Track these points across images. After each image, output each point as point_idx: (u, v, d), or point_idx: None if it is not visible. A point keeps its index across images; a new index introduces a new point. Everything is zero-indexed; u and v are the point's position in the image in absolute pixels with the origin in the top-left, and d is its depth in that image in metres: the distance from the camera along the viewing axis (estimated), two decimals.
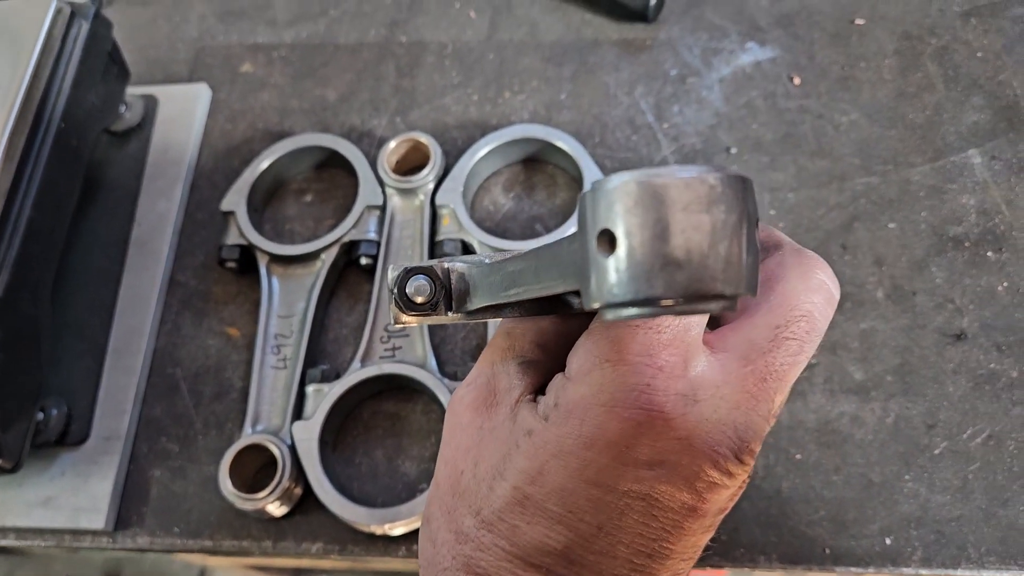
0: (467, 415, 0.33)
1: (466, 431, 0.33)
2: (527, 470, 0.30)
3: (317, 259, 0.63)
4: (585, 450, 0.29)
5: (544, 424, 0.30)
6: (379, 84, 0.73)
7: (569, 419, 0.29)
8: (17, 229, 0.56)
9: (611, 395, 0.28)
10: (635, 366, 0.28)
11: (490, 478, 0.31)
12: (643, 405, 0.28)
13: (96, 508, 0.59)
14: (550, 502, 0.29)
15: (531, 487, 0.30)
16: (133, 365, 0.63)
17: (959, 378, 0.57)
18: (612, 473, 0.28)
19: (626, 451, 0.28)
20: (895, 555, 0.53)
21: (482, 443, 0.32)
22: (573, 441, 0.29)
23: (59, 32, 0.61)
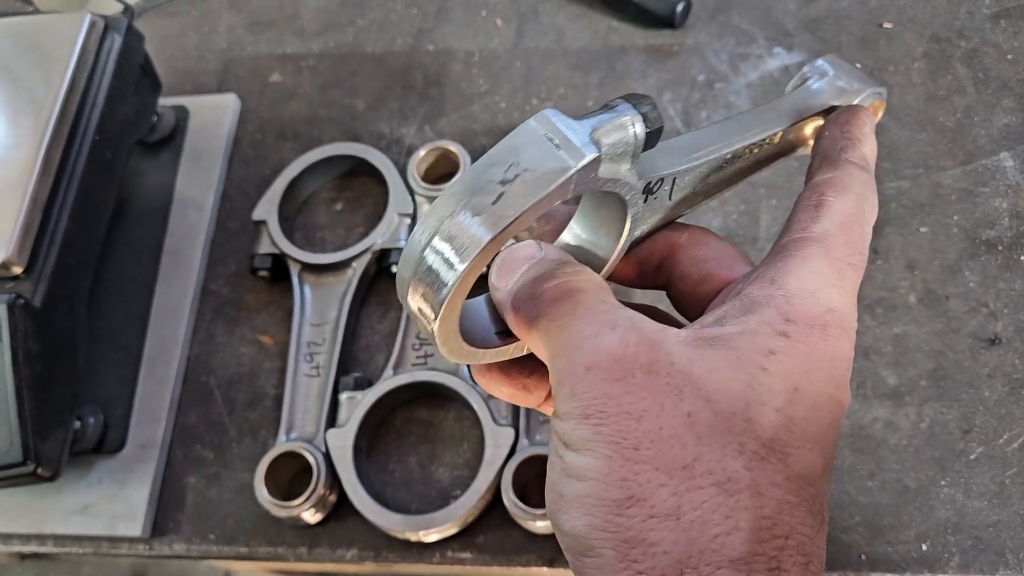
0: (639, 369, 0.28)
1: (655, 381, 0.28)
2: (784, 391, 0.28)
3: (349, 267, 0.64)
4: (831, 369, 0.29)
5: (787, 341, 0.29)
6: (407, 93, 0.73)
7: (812, 333, 0.29)
8: (54, 241, 0.57)
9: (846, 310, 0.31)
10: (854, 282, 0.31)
11: (742, 410, 0.28)
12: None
13: (133, 515, 0.59)
14: (809, 422, 0.29)
15: (791, 408, 0.28)
16: (167, 373, 0.64)
17: (994, 382, 0.56)
18: (845, 381, 0.30)
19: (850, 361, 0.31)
20: (932, 561, 0.53)
21: (701, 379, 0.28)
22: (820, 355, 0.29)
23: (93, 46, 0.62)
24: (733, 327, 0.29)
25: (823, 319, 0.30)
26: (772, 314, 0.29)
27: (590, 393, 0.28)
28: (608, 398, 0.28)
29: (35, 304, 0.54)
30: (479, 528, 0.56)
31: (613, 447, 0.28)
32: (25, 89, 0.60)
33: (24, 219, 0.54)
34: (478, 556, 0.56)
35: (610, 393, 0.28)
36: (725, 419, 0.28)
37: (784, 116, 0.37)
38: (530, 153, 0.29)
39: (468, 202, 0.29)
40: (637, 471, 0.28)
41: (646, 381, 0.28)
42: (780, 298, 0.30)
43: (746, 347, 0.29)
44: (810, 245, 0.31)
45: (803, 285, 0.30)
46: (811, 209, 0.32)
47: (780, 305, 0.29)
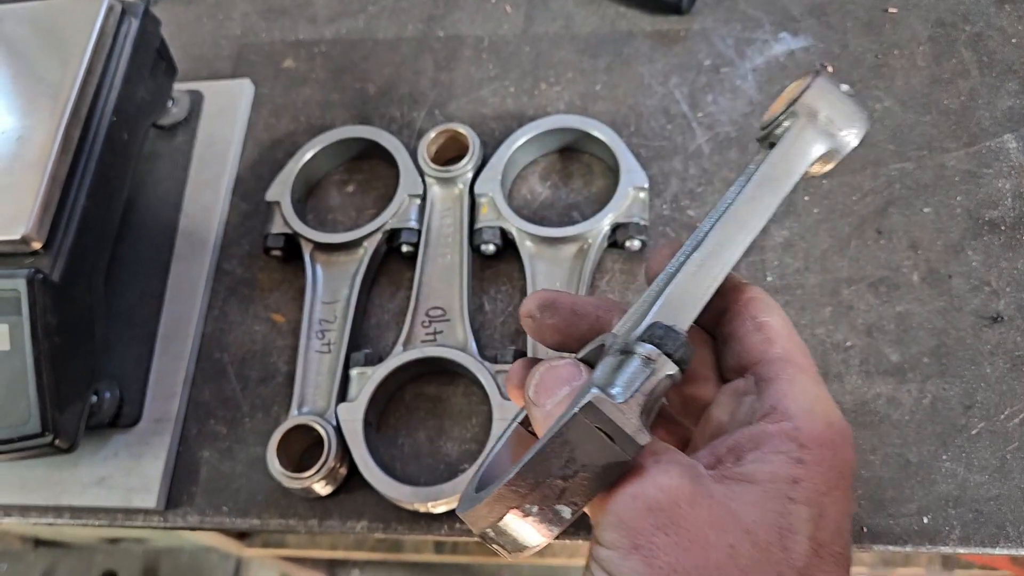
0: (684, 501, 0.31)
1: (699, 513, 0.30)
2: (811, 518, 0.31)
3: (360, 247, 0.65)
4: (844, 481, 0.32)
5: (805, 468, 0.31)
6: (418, 77, 0.74)
7: (823, 452, 0.32)
8: (73, 218, 0.58)
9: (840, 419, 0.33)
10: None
11: (777, 540, 0.30)
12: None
13: (148, 488, 0.61)
14: (834, 544, 0.31)
15: (819, 532, 0.31)
16: (182, 350, 0.65)
17: (996, 359, 0.57)
18: (852, 487, 0.33)
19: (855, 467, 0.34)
20: (933, 533, 0.53)
21: (736, 513, 0.30)
22: (834, 473, 0.32)
23: (110, 29, 0.63)
24: (753, 463, 0.32)
25: (829, 436, 0.32)
26: (785, 444, 0.32)
27: (639, 523, 0.30)
28: (657, 529, 0.30)
29: (54, 279, 0.55)
30: None
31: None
32: (44, 71, 0.61)
33: (43, 196, 0.55)
34: None
35: (658, 524, 0.30)
36: (763, 550, 0.30)
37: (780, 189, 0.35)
38: (585, 451, 0.30)
39: (536, 495, 0.31)
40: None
41: (691, 514, 0.30)
42: (788, 426, 0.32)
43: (770, 480, 0.31)
44: (786, 367, 0.34)
45: (801, 407, 0.33)
46: (757, 332, 0.36)
47: (790, 433, 0.32)
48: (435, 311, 0.62)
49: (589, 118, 0.67)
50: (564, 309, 0.40)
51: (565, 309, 0.40)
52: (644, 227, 0.62)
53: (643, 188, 0.63)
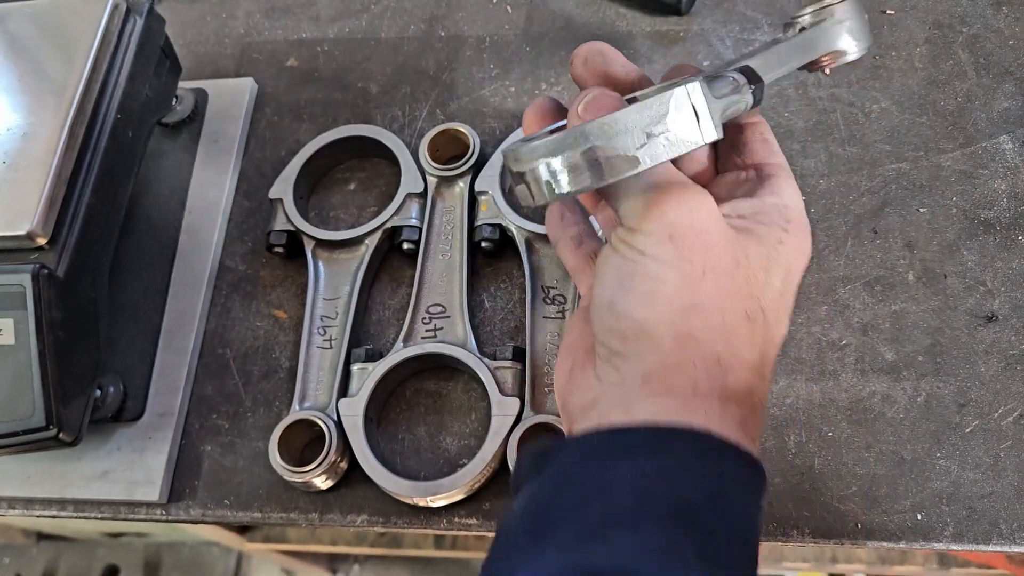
0: (714, 218, 0.39)
1: (721, 231, 0.39)
2: (784, 270, 0.41)
3: (361, 244, 0.66)
4: (805, 257, 0.43)
5: (787, 235, 0.41)
6: (419, 77, 0.75)
7: (800, 231, 0.43)
8: (77, 214, 0.58)
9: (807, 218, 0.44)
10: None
11: (764, 272, 0.40)
12: None
13: (151, 481, 0.61)
14: (790, 296, 0.42)
15: (785, 284, 0.41)
16: (185, 346, 0.65)
17: (990, 358, 0.58)
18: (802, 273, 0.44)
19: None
20: (927, 530, 0.54)
21: (741, 242, 0.40)
22: (803, 251, 0.43)
23: (115, 28, 0.64)
24: (752, 221, 0.41)
25: (804, 222, 0.43)
26: (777, 215, 0.42)
27: (680, 221, 0.38)
28: (691, 231, 0.38)
29: (58, 274, 0.56)
30: (485, 495, 0.58)
31: (689, 266, 0.38)
32: (50, 68, 0.62)
33: (48, 192, 0.56)
34: (484, 522, 0.57)
35: (693, 227, 0.38)
36: (754, 274, 0.40)
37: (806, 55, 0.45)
38: (675, 118, 0.36)
39: (617, 138, 0.36)
40: (701, 288, 0.38)
41: (716, 228, 0.39)
42: (780, 204, 0.43)
43: (766, 235, 0.41)
44: (783, 171, 0.45)
45: (791, 199, 0.43)
46: (763, 143, 0.45)
47: (781, 209, 0.42)
48: (435, 308, 0.63)
49: None
50: (616, 63, 0.46)
51: (617, 63, 0.46)
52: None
53: None
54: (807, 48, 0.44)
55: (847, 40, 0.45)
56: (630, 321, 0.39)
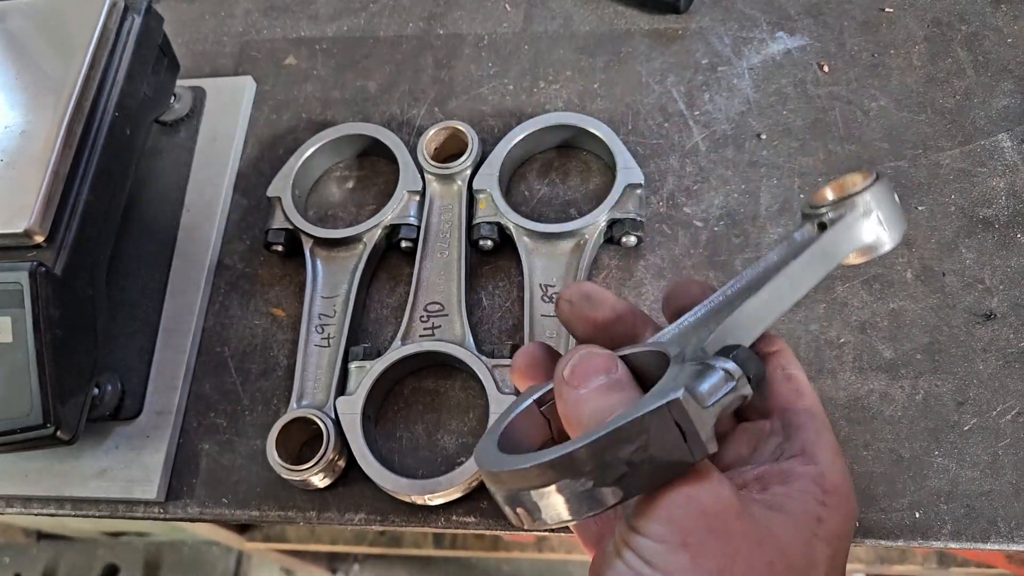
0: (734, 513, 0.33)
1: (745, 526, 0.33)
2: (830, 553, 0.35)
3: (359, 242, 0.66)
4: (851, 530, 0.37)
5: (828, 510, 0.35)
6: (418, 75, 0.75)
7: (840, 500, 0.36)
8: (75, 212, 0.58)
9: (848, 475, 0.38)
10: None
11: (804, 566, 0.34)
12: None
13: (148, 479, 0.61)
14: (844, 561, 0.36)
15: (832, 565, 0.35)
16: (183, 344, 0.65)
17: (989, 356, 0.57)
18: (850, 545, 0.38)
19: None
20: (925, 528, 0.54)
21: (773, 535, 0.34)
22: (847, 519, 0.36)
23: (113, 26, 0.64)
24: (782, 496, 0.35)
25: (846, 488, 0.37)
26: (812, 486, 0.36)
27: (692, 523, 0.32)
28: (708, 533, 0.32)
29: (56, 272, 0.56)
30: (483, 493, 0.58)
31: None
32: (48, 67, 0.62)
33: (46, 190, 0.56)
34: (481, 520, 0.57)
35: (710, 528, 0.32)
36: (793, 566, 0.33)
37: (827, 265, 0.39)
38: (658, 441, 0.32)
39: (593, 472, 0.32)
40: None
41: (739, 525, 0.33)
42: (815, 471, 0.36)
43: (800, 514, 0.35)
44: (814, 419, 0.38)
45: (826, 456, 0.37)
46: (786, 382, 0.40)
47: (816, 477, 0.36)
48: (433, 306, 0.63)
49: (586, 115, 0.67)
50: (604, 306, 0.42)
51: (605, 306, 0.42)
52: (640, 223, 0.63)
53: (639, 185, 0.64)
54: (827, 256, 0.38)
55: (877, 232, 0.38)
56: None
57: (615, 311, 0.42)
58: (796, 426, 0.38)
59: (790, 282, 0.38)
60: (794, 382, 0.40)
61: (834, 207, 0.39)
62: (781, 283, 0.38)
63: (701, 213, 0.65)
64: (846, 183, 0.39)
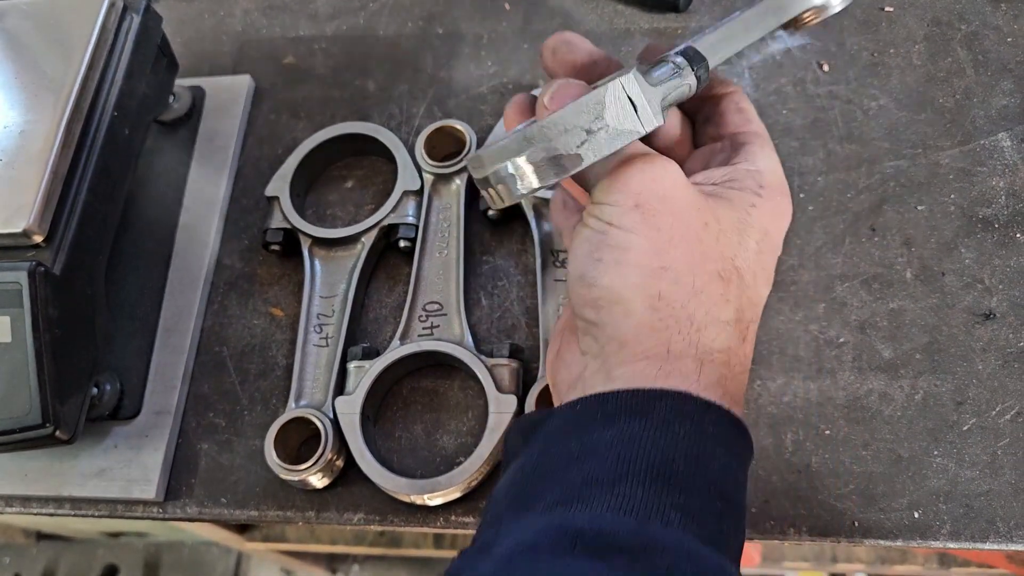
0: (680, 185, 0.40)
1: (688, 196, 0.41)
2: (759, 231, 0.42)
3: (358, 242, 0.66)
4: (782, 221, 0.44)
5: (761, 199, 0.43)
6: (417, 75, 0.75)
7: (774, 195, 0.44)
8: (74, 212, 0.58)
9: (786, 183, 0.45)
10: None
11: (736, 235, 0.41)
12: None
13: (147, 479, 0.61)
14: (770, 258, 0.43)
15: (762, 244, 0.42)
16: (182, 344, 0.65)
17: (988, 356, 0.57)
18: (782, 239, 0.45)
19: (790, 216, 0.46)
20: (924, 528, 0.54)
21: (711, 206, 0.41)
22: (779, 215, 0.44)
23: (112, 25, 0.64)
24: (725, 188, 0.43)
25: (780, 187, 0.44)
26: (750, 181, 0.43)
27: (644, 188, 0.39)
28: (656, 197, 0.39)
29: (55, 272, 0.56)
30: (482, 493, 0.58)
31: (656, 232, 0.39)
32: (47, 66, 0.62)
33: (45, 190, 0.56)
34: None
35: (658, 193, 0.40)
36: (727, 234, 0.41)
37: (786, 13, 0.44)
38: (613, 112, 0.37)
39: (559, 139, 0.38)
40: (670, 251, 0.39)
41: (683, 194, 0.40)
42: (753, 170, 0.44)
43: (737, 199, 0.42)
44: (758, 138, 0.45)
45: (765, 163, 0.44)
46: (738, 112, 0.47)
47: (755, 175, 0.43)
48: (432, 306, 0.62)
49: None
50: (581, 50, 0.47)
51: (582, 50, 0.47)
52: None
53: None
54: (781, 8, 0.43)
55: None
56: (601, 289, 0.40)
57: (592, 55, 0.47)
58: (742, 143, 0.45)
59: (744, 26, 0.43)
60: (744, 113, 0.46)
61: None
62: (735, 26, 0.43)
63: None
64: None
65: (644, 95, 0.37)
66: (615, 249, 0.40)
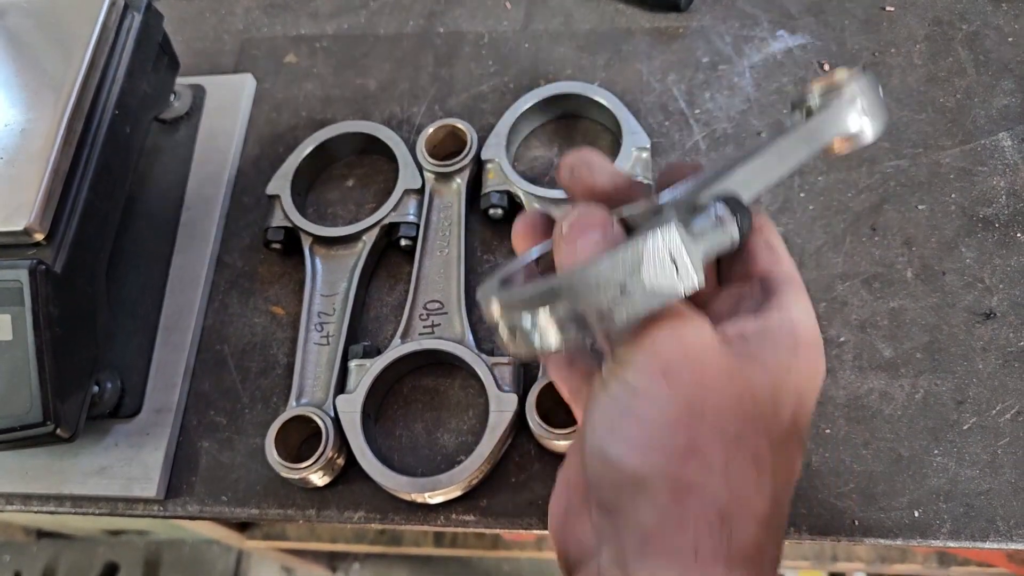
0: (712, 351, 0.35)
1: (720, 362, 0.36)
2: (795, 399, 0.37)
3: (359, 240, 0.66)
4: (817, 382, 0.39)
5: (798, 360, 0.37)
6: (418, 73, 0.75)
7: (811, 353, 0.38)
8: (75, 210, 0.58)
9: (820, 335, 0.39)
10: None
11: (772, 407, 0.36)
12: None
13: (148, 477, 0.61)
14: (803, 426, 0.38)
15: (798, 412, 0.37)
16: (183, 342, 0.65)
17: (988, 355, 0.57)
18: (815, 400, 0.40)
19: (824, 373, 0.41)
20: (924, 527, 0.54)
21: (745, 374, 0.36)
22: (815, 371, 0.39)
23: (113, 24, 0.64)
24: (757, 346, 0.37)
25: (817, 344, 0.39)
26: (786, 337, 0.38)
27: (672, 355, 0.35)
28: (686, 365, 0.35)
29: (56, 270, 0.56)
30: (483, 492, 0.58)
31: (686, 406, 0.34)
32: (48, 64, 0.62)
33: (46, 188, 0.56)
34: (481, 519, 0.57)
35: (688, 361, 0.35)
36: (760, 407, 0.36)
37: (814, 144, 0.40)
38: (651, 269, 0.33)
39: (588, 296, 0.33)
40: (700, 430, 0.34)
41: (715, 361, 0.35)
42: (789, 324, 0.38)
43: (772, 362, 0.37)
44: (791, 282, 0.40)
45: (801, 313, 0.39)
46: (768, 250, 0.41)
47: (790, 329, 0.38)
48: (433, 304, 0.63)
49: (591, 84, 0.68)
50: (603, 173, 0.43)
51: (604, 173, 0.43)
52: (649, 186, 0.63)
53: (646, 148, 0.65)
54: (813, 137, 0.40)
55: (860, 121, 0.40)
56: (623, 471, 0.35)
57: (613, 179, 0.43)
58: (774, 288, 0.40)
59: (777, 157, 0.39)
60: (775, 251, 0.42)
61: (822, 95, 0.40)
62: (768, 158, 0.39)
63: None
64: (833, 76, 0.41)
65: (686, 251, 0.33)
66: (639, 423, 0.35)
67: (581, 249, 0.37)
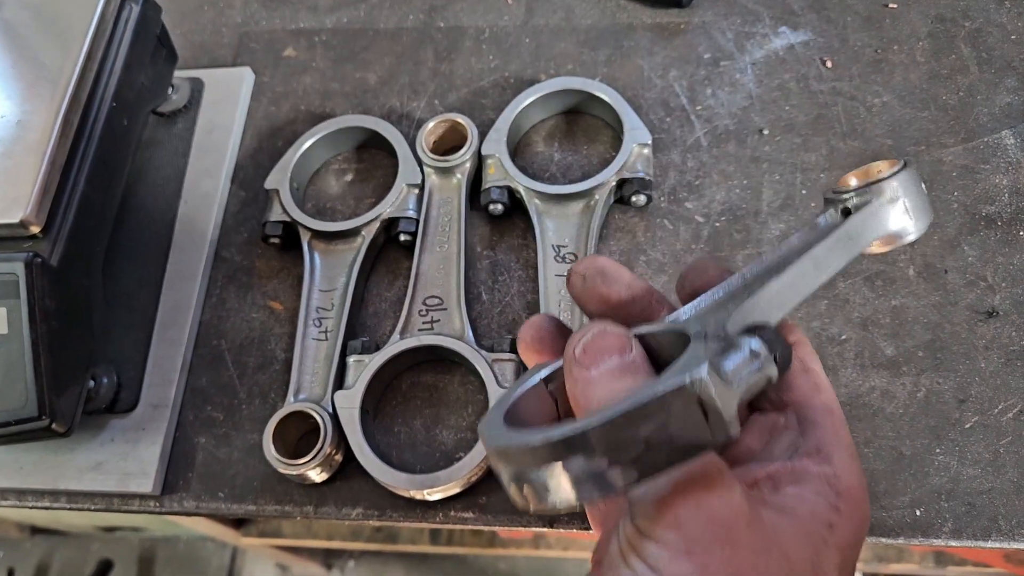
0: (743, 522, 0.31)
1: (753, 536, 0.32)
2: (839, 560, 0.33)
3: (358, 235, 0.65)
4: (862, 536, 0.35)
5: (840, 516, 0.34)
6: (418, 68, 0.74)
7: (853, 505, 0.34)
8: (72, 202, 0.58)
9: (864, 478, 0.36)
10: None
11: (808, 564, 0.32)
12: None
13: (144, 473, 0.61)
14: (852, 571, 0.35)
15: (846, 564, 0.34)
16: (180, 337, 0.65)
17: (991, 354, 0.57)
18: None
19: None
20: (926, 526, 0.53)
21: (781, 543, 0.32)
22: (860, 531, 0.35)
23: (111, 15, 0.63)
24: (793, 498, 0.34)
25: (861, 492, 0.35)
26: (825, 488, 0.34)
27: (699, 532, 0.31)
28: (714, 542, 0.31)
29: (52, 263, 0.55)
30: (481, 489, 0.57)
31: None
32: (45, 56, 0.61)
33: (42, 180, 0.55)
34: (480, 516, 0.57)
35: (717, 537, 0.31)
36: (799, 572, 0.32)
37: (851, 250, 0.37)
38: (679, 420, 0.29)
39: (609, 449, 0.29)
40: None
41: (746, 535, 0.31)
42: (829, 472, 0.35)
43: (810, 519, 0.33)
44: (831, 417, 0.36)
45: (842, 457, 0.35)
46: (804, 375, 0.37)
47: (830, 478, 0.34)
48: (432, 300, 0.62)
49: (592, 80, 0.68)
50: (619, 283, 0.39)
51: (620, 284, 0.39)
52: (649, 182, 0.63)
53: (647, 144, 0.64)
54: (852, 241, 0.36)
55: (903, 220, 0.36)
56: None
57: (631, 290, 0.39)
58: (812, 422, 0.36)
59: (814, 266, 0.36)
60: (812, 376, 0.37)
61: (859, 193, 0.37)
62: (805, 266, 0.35)
63: (703, 208, 0.64)
64: (871, 170, 0.37)
65: (718, 399, 0.29)
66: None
67: (597, 381, 0.33)
